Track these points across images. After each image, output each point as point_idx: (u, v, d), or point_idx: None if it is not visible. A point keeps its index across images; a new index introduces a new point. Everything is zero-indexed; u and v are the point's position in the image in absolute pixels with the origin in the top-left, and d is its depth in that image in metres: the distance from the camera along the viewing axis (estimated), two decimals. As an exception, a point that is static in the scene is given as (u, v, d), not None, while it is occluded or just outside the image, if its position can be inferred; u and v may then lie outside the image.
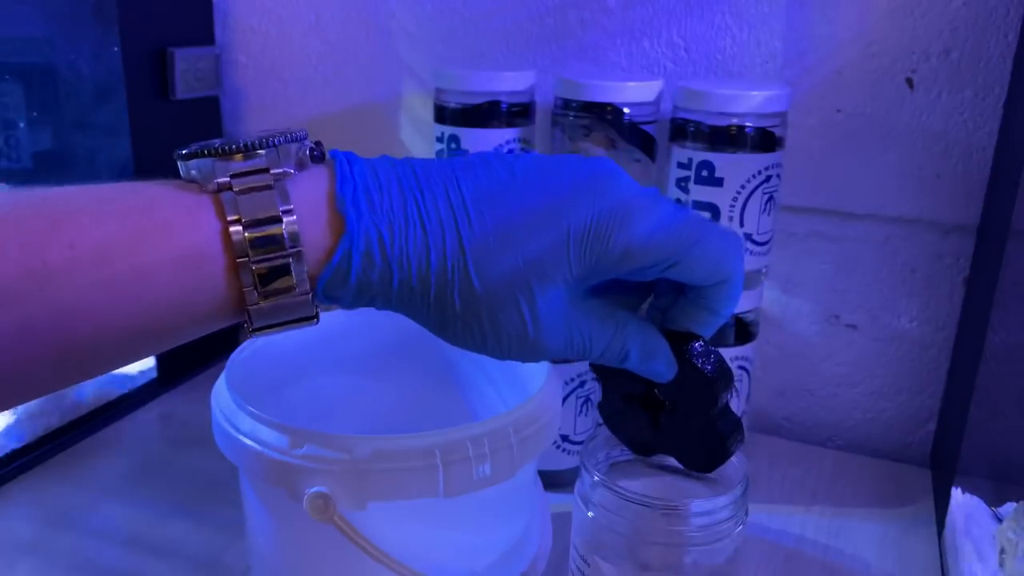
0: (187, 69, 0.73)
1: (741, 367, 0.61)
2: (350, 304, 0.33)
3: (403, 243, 0.32)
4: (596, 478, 0.41)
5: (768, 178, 0.57)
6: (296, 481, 0.38)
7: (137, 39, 0.68)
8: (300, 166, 0.32)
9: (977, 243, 0.62)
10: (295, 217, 0.31)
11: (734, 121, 0.56)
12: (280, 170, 0.31)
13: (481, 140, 0.63)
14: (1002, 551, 0.49)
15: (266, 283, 0.30)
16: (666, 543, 0.40)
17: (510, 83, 0.63)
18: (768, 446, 0.68)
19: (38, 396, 0.31)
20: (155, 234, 0.29)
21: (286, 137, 0.32)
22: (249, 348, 0.49)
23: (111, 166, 0.71)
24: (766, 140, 0.57)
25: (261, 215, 0.30)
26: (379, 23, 0.75)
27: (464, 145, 0.63)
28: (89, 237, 0.29)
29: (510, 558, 0.45)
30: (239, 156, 0.31)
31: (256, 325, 0.32)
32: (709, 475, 0.42)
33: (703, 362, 0.38)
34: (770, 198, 0.58)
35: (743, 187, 0.57)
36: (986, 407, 0.53)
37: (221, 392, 0.43)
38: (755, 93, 0.56)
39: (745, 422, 0.64)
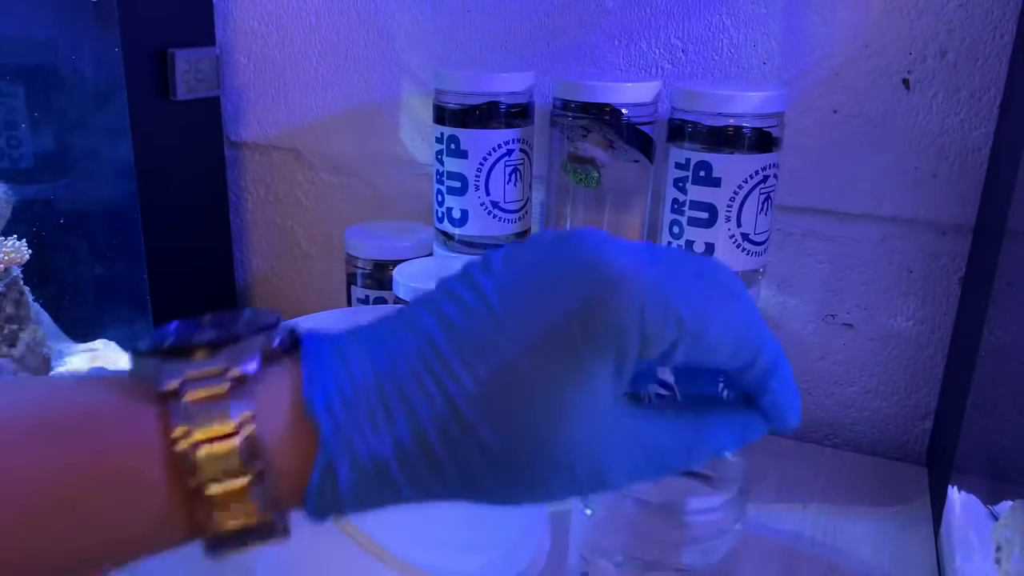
0: (188, 70, 0.73)
1: (739, 366, 0.61)
2: (353, 511, 0.28)
3: (391, 431, 0.26)
4: (594, 476, 0.41)
5: (765, 178, 0.57)
6: (297, 480, 0.38)
7: (138, 40, 0.68)
8: (267, 360, 0.27)
9: (973, 243, 0.63)
10: (257, 426, 0.26)
11: (731, 122, 0.57)
12: (239, 371, 0.26)
13: (480, 140, 0.63)
14: (998, 549, 0.49)
15: (220, 507, 0.26)
16: (664, 541, 0.40)
17: (509, 84, 0.63)
18: (765, 444, 0.68)
19: None
20: (85, 457, 0.25)
21: (250, 327, 0.28)
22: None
23: (112, 166, 0.71)
24: (763, 140, 0.57)
25: (215, 429, 0.25)
26: (379, 24, 0.76)
27: (464, 146, 0.64)
28: (10, 465, 0.25)
29: (509, 556, 0.45)
30: (200, 354, 0.27)
31: (211, 551, 0.27)
32: (708, 473, 0.42)
33: None
34: (767, 198, 0.58)
35: (740, 187, 0.57)
36: (982, 406, 0.53)
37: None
38: (752, 94, 0.56)
39: (743, 421, 0.64)
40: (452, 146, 0.64)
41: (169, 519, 0.26)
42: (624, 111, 0.60)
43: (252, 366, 0.27)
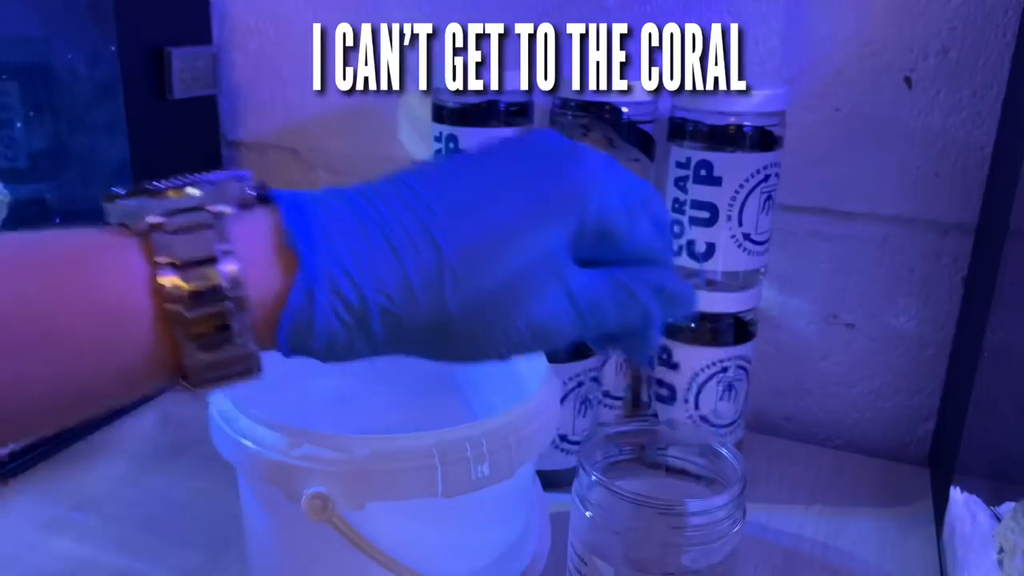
0: (184, 68, 0.72)
1: (740, 367, 0.61)
2: (327, 357, 0.29)
3: (373, 269, 0.28)
4: (594, 478, 0.41)
5: (767, 177, 0.57)
6: (294, 481, 0.38)
7: (134, 38, 0.68)
8: (242, 206, 0.29)
9: (975, 242, 0.62)
10: (236, 258, 0.27)
11: (732, 120, 0.56)
12: (219, 208, 0.28)
13: (479, 140, 0.63)
14: (1000, 550, 0.49)
15: (203, 335, 0.27)
16: (663, 543, 0.40)
17: (508, 82, 0.63)
18: (767, 445, 0.68)
19: None
20: (71, 286, 0.26)
21: (226, 175, 0.29)
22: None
23: (108, 166, 0.71)
24: (765, 139, 0.57)
25: (196, 256, 0.26)
26: (376, 23, 0.75)
27: (463, 145, 0.63)
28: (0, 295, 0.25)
29: (508, 558, 0.45)
30: (172, 194, 0.28)
31: (193, 383, 0.28)
32: (708, 474, 0.42)
33: None
34: (768, 197, 0.58)
35: (742, 186, 0.57)
36: (985, 406, 0.53)
37: (219, 393, 0.43)
38: (753, 92, 0.56)
39: (744, 422, 0.64)
40: (451, 145, 0.64)
41: (152, 352, 0.27)
42: (624, 109, 0.60)
43: (230, 206, 0.28)
